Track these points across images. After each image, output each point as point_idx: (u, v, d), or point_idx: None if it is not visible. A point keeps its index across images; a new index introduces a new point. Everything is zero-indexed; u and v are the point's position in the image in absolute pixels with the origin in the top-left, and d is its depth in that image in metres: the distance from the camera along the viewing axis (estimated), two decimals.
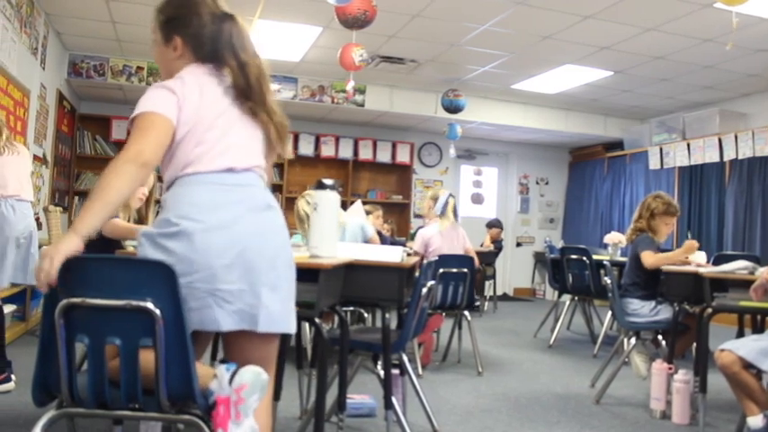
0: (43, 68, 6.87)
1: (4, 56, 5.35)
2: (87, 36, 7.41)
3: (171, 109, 1.88)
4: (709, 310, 3.65)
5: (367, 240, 5.03)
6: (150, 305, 1.74)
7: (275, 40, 7.23)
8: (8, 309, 4.80)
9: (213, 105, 1.95)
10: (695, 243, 4.42)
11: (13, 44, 5.64)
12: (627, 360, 4.30)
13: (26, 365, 4.03)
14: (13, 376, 3.85)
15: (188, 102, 1.91)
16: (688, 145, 8.90)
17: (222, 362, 1.87)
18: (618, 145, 10.61)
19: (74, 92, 8.70)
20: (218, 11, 2.02)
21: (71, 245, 1.72)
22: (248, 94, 1.99)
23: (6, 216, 3.88)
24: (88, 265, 1.77)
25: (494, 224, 9.67)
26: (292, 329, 1.98)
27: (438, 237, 5.29)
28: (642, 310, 4.29)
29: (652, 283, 4.35)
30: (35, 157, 6.68)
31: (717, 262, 4.55)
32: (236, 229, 1.89)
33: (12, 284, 4.17)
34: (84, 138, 9.24)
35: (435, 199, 5.44)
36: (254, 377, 1.82)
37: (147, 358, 1.77)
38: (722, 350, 3.02)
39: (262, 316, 1.88)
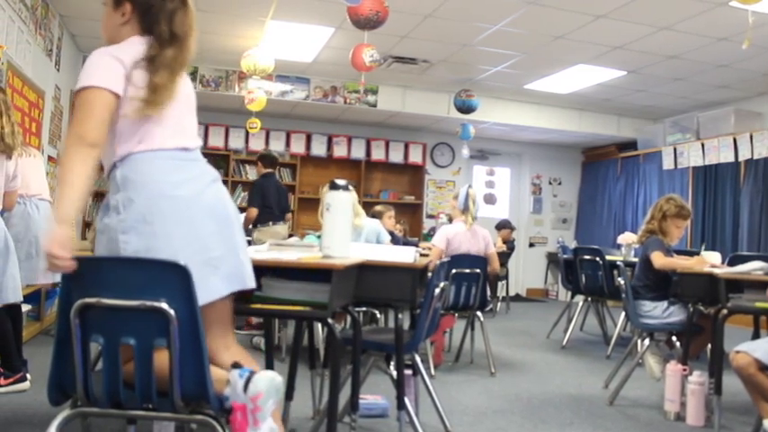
0: (58, 70, 6.92)
1: (19, 57, 5.39)
2: (101, 38, 7.44)
3: (116, 81, 1.92)
4: (725, 312, 3.63)
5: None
6: (164, 305, 1.74)
7: (288, 41, 7.24)
8: (24, 308, 4.83)
9: None
10: (706, 260, 4.46)
11: (28, 46, 5.68)
12: (640, 361, 4.28)
13: (41, 364, 4.06)
14: (28, 375, 3.87)
15: (138, 76, 1.95)
16: (702, 145, 8.84)
17: (234, 367, 1.87)
18: (631, 145, 10.55)
19: None
20: None
21: (63, 234, 1.78)
22: (157, 61, 1.99)
23: (32, 215, 3.96)
24: (103, 266, 1.78)
25: (503, 225, 9.62)
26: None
27: (461, 236, 5.18)
28: (655, 311, 4.27)
29: (662, 285, 4.34)
30: (49, 158, 6.73)
31: (732, 263, 4.53)
32: (205, 199, 2.00)
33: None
34: None
35: (457, 197, 5.37)
36: (269, 383, 1.84)
37: (161, 358, 1.78)
38: (737, 352, 3.00)
39: (246, 274, 2.03)
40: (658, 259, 4.26)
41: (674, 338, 4.29)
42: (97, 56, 1.96)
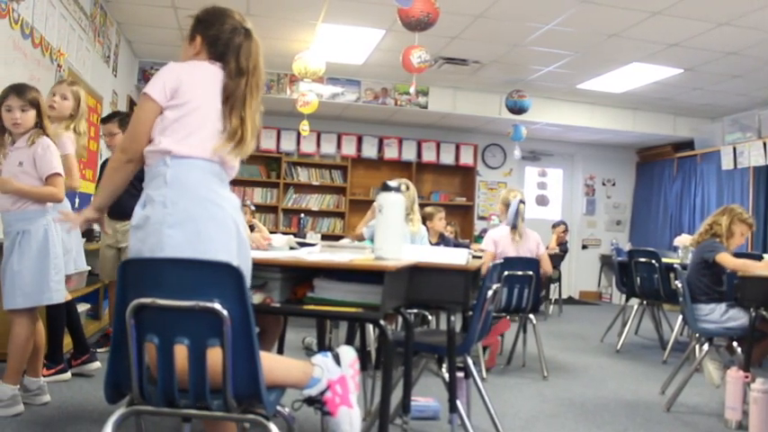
0: (115, 76, 7.09)
1: (79, 64, 5.54)
2: (156, 44, 7.61)
3: (164, 91, 2.11)
4: None
5: None
6: (218, 306, 1.76)
7: (339, 44, 7.28)
8: (82, 307, 4.97)
9: (209, 94, 2.16)
10: None
11: (87, 53, 5.84)
12: (699, 367, 4.17)
13: (100, 362, 4.18)
14: (98, 363, 4.16)
15: (187, 86, 2.13)
16: (764, 144, 8.55)
17: (309, 354, 1.95)
18: (688, 145, 10.30)
19: None
20: (240, 25, 2.26)
21: (88, 212, 2.28)
22: (234, 94, 2.18)
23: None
24: (158, 267, 1.81)
25: (559, 224, 9.55)
26: None
27: (508, 238, 5.11)
28: (713, 314, 4.17)
29: (715, 287, 4.26)
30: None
31: None
32: (235, 218, 2.11)
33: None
34: None
35: (507, 204, 5.25)
36: (352, 351, 2.10)
37: (214, 358, 1.80)
38: None
39: None
40: (729, 261, 4.17)
41: (734, 344, 4.17)
42: (166, 67, 2.19)
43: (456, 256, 2.86)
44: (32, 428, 3.13)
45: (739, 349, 4.12)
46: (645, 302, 6.43)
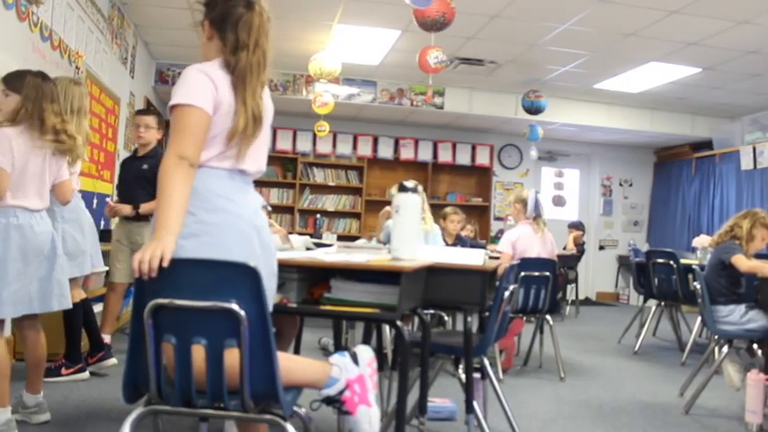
0: (132, 77, 7.13)
1: (96, 66, 5.59)
2: (173, 45, 7.65)
3: (208, 100, 1.95)
4: None
5: None
6: (235, 306, 1.77)
7: (354, 45, 7.28)
8: (99, 308, 5.00)
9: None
10: None
11: (105, 55, 5.88)
12: (718, 369, 4.12)
13: (118, 362, 4.21)
14: (114, 360, 4.21)
15: (224, 95, 1.98)
16: None
17: (326, 354, 1.94)
18: (706, 145, 10.21)
19: (160, 99, 8.99)
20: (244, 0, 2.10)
21: (172, 245, 1.83)
22: (234, 72, 2.03)
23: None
24: (176, 267, 1.81)
25: (576, 225, 9.49)
26: None
27: (526, 238, 5.08)
28: (732, 316, 4.13)
29: (733, 288, 4.23)
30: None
31: None
32: (257, 222, 2.04)
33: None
34: None
35: (522, 201, 5.23)
36: (369, 350, 2.10)
37: (231, 358, 1.80)
38: None
39: (270, 298, 2.03)
40: (742, 263, 4.12)
41: (755, 346, 4.13)
42: (193, 72, 2.00)
43: (473, 257, 2.85)
44: (51, 427, 3.15)
45: (760, 351, 4.08)
46: (663, 303, 6.38)
